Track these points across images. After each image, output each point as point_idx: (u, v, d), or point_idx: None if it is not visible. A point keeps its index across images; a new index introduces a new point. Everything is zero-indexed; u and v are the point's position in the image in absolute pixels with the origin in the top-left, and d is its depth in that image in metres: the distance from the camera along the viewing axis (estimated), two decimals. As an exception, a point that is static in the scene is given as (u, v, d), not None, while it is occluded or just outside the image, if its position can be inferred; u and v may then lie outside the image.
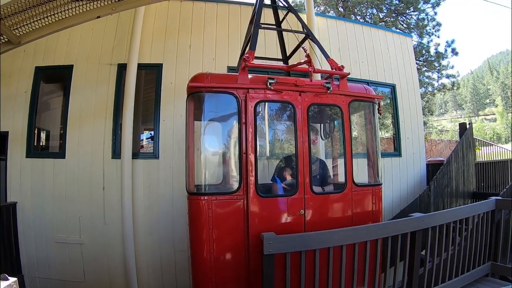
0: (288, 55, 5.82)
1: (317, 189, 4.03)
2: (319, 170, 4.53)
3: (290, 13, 5.23)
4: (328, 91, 4.06)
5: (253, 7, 4.99)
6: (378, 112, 4.39)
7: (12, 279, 1.66)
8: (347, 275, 3.46)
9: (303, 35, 4.96)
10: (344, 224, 3.88)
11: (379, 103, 4.42)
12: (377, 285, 3.74)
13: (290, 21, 5.11)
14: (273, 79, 3.84)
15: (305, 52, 3.93)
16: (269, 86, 3.79)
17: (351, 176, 4.06)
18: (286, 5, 5.15)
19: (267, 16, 5.66)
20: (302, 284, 3.25)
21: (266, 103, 4.20)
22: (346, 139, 4.12)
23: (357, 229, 3.65)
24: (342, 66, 4.32)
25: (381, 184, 4.36)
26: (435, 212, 4.74)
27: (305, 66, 3.95)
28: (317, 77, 6.40)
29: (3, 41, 4.93)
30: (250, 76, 3.92)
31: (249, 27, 5.34)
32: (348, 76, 4.21)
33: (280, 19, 5.71)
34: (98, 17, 4.98)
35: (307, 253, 3.25)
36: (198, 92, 3.85)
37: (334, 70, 4.35)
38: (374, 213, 4.22)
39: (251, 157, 3.68)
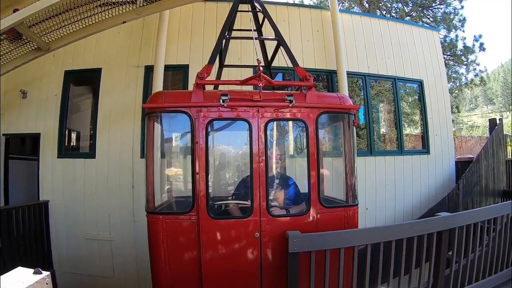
0: (269, 60, 5.58)
1: (275, 211, 3.77)
2: (286, 189, 4.23)
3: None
4: (291, 104, 3.67)
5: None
6: (354, 124, 3.94)
7: (45, 273, 1.69)
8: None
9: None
10: None
11: (355, 115, 3.97)
12: (401, 285, 3.68)
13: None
14: (226, 95, 3.61)
15: (258, 63, 3.61)
16: (222, 103, 3.56)
17: (316, 196, 3.70)
18: (261, 10, 4.91)
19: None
20: (326, 283, 3.22)
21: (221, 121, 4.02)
22: (311, 157, 3.74)
23: (383, 229, 3.64)
24: (309, 76, 3.91)
25: (357, 205, 3.92)
26: (461, 211, 4.60)
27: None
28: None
29: (33, 48, 5.11)
30: (204, 92, 3.77)
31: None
32: (375, 73, 3.82)
33: (260, 23, 5.49)
34: (124, 22, 5.09)
35: (330, 251, 3.20)
36: (153, 113, 3.79)
37: (300, 80, 3.97)
38: None
39: (203, 177, 3.55)
